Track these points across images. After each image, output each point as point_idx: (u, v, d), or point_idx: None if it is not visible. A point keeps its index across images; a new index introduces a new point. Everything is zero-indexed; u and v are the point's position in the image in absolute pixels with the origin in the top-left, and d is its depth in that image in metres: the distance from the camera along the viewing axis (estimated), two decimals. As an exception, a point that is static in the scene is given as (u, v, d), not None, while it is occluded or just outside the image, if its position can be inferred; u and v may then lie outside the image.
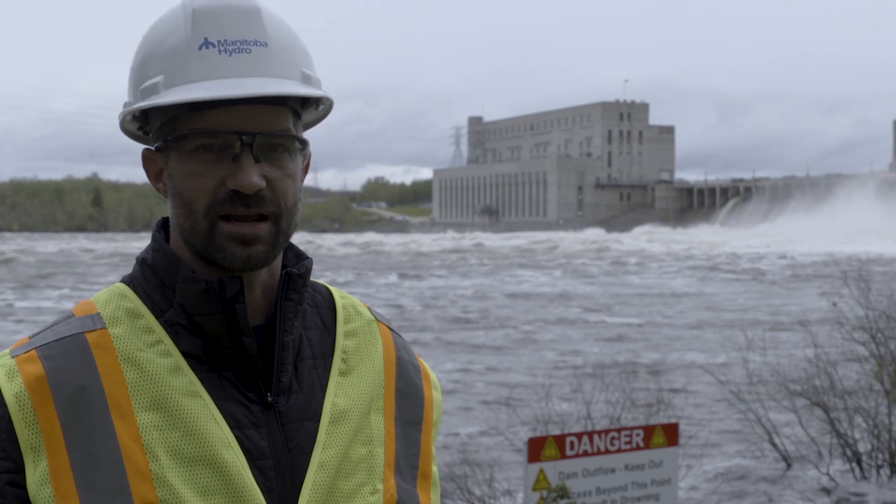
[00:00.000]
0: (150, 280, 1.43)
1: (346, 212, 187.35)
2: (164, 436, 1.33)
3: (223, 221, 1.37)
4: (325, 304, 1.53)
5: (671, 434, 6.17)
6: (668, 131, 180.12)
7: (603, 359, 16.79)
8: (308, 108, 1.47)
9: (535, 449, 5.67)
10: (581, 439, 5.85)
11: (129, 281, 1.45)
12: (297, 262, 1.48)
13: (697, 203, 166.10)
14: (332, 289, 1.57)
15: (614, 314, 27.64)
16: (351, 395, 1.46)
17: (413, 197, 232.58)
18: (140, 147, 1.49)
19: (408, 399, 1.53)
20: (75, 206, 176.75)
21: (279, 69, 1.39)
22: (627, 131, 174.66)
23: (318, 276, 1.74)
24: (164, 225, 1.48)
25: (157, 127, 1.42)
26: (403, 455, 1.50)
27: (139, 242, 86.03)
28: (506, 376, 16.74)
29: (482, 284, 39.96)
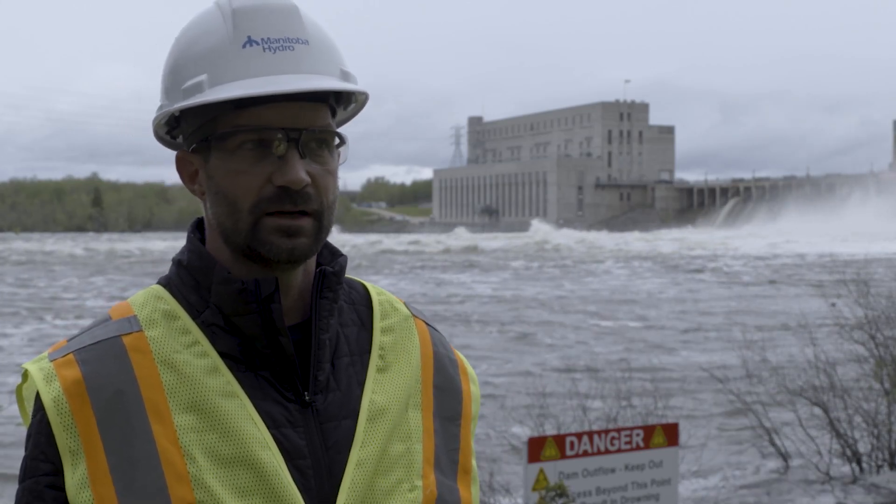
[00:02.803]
0: (186, 281, 1.43)
1: (346, 212, 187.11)
2: (202, 437, 1.34)
3: (267, 217, 1.37)
4: (362, 301, 1.54)
5: (671, 434, 6.17)
6: (668, 131, 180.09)
7: (602, 359, 16.81)
8: (340, 105, 1.49)
9: (535, 449, 5.67)
10: (581, 439, 5.85)
11: (165, 282, 1.46)
12: (332, 260, 1.49)
13: (697, 203, 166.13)
14: (369, 285, 1.58)
15: (613, 315, 27.64)
16: (388, 391, 1.46)
17: (413, 197, 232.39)
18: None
19: (445, 394, 1.53)
20: (75, 206, 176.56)
21: (321, 66, 1.40)
22: (627, 131, 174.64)
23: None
24: (198, 226, 1.48)
25: (195, 128, 1.42)
26: (443, 450, 1.50)
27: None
28: (505, 377, 16.74)
29: (468, 283, 39.96)
